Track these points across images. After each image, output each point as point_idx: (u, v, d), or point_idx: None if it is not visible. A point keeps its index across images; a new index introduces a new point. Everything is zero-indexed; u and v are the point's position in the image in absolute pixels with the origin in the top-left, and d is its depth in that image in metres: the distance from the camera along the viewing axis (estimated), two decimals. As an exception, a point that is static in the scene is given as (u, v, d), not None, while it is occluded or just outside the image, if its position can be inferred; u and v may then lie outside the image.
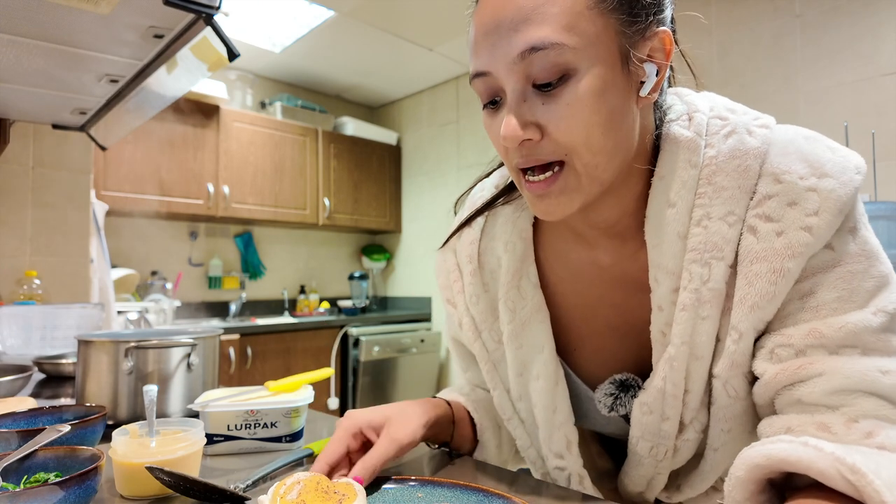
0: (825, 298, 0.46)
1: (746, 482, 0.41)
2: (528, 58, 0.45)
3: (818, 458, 0.37)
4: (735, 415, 0.52)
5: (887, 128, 1.92)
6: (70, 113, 1.49)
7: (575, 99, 0.45)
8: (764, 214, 0.47)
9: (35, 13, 0.87)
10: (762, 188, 0.48)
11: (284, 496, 0.45)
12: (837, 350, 0.44)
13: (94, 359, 0.81)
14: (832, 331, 0.44)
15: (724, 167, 0.49)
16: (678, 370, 0.51)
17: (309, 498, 0.45)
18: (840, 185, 0.45)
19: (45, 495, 0.43)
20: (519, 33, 0.45)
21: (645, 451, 0.58)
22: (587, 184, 0.48)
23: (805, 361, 0.45)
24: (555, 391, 0.60)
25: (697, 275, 0.49)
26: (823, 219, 0.45)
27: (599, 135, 0.46)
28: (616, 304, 0.59)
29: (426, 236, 3.77)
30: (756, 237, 0.47)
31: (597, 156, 0.47)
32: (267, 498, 0.46)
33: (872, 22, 1.96)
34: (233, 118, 3.05)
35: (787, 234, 0.46)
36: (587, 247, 0.59)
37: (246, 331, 2.76)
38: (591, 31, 0.45)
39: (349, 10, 2.68)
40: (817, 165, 0.47)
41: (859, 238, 0.47)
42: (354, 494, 0.47)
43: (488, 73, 0.48)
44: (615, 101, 0.46)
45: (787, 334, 0.47)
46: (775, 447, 0.40)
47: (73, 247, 1.89)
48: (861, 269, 0.46)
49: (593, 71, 0.45)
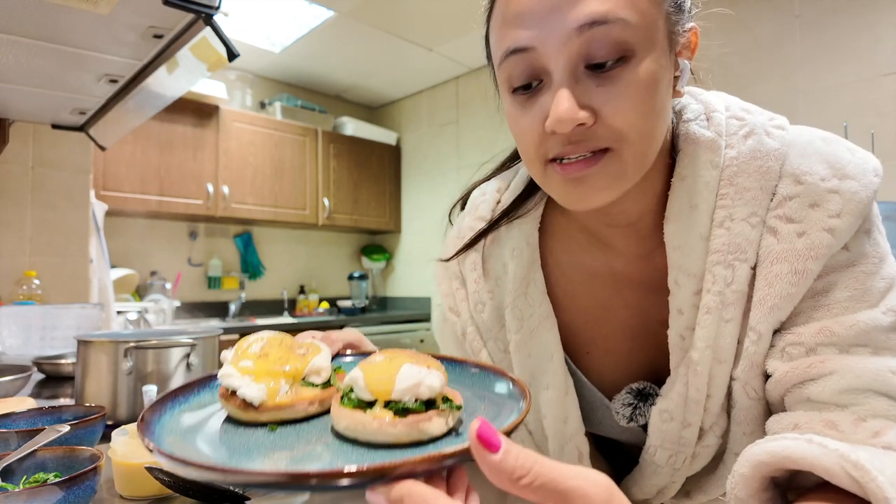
0: (838, 297, 0.46)
1: (750, 479, 0.41)
2: (588, 32, 0.41)
3: (822, 455, 0.36)
4: (755, 416, 0.51)
5: (887, 128, 1.92)
6: (69, 113, 1.49)
7: (634, 81, 0.42)
8: (785, 216, 0.47)
9: (35, 13, 0.87)
10: (782, 189, 0.48)
11: (247, 350, 0.44)
12: (848, 349, 0.44)
13: (93, 359, 0.81)
14: (843, 329, 0.44)
15: (746, 168, 0.49)
16: (701, 375, 0.50)
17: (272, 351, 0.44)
18: (862, 187, 0.46)
19: (44, 495, 0.43)
20: (579, 4, 0.41)
21: (663, 460, 0.56)
22: (633, 172, 0.45)
23: (816, 360, 0.45)
24: (565, 401, 0.58)
25: (721, 277, 0.48)
26: (846, 221, 0.45)
27: (653, 123, 0.44)
28: (630, 306, 0.58)
29: (426, 236, 3.77)
30: (776, 238, 0.47)
31: (649, 143, 0.45)
32: (230, 352, 0.45)
33: (872, 22, 1.96)
34: (232, 118, 3.05)
35: (810, 235, 0.46)
36: (600, 246, 0.58)
37: (245, 331, 2.76)
38: (651, 13, 0.42)
39: (349, 11, 2.68)
40: (838, 167, 0.47)
41: (873, 239, 0.47)
42: (318, 349, 0.46)
43: (532, 48, 0.43)
44: (664, 89, 0.45)
45: (799, 333, 0.46)
46: (779, 444, 0.39)
47: (73, 247, 1.89)
48: (874, 271, 0.46)
49: (652, 55, 0.42)
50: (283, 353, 0.44)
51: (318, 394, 0.42)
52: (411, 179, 3.89)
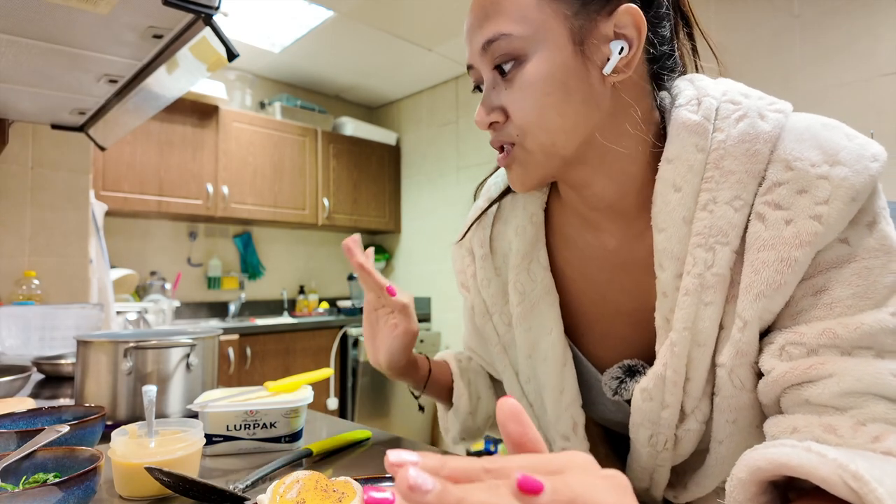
0: (840, 295, 0.45)
1: (748, 483, 0.41)
2: (489, 49, 0.50)
3: (820, 465, 0.36)
4: (741, 406, 0.51)
5: (886, 128, 1.92)
6: (69, 113, 1.49)
7: (525, 81, 0.49)
8: (773, 202, 0.47)
9: (34, 13, 0.87)
10: (772, 175, 0.47)
11: (284, 495, 0.45)
12: (851, 351, 0.43)
13: (93, 359, 0.81)
14: (847, 331, 0.43)
15: (733, 151, 0.49)
16: (679, 356, 0.51)
17: (308, 496, 0.45)
18: (853, 172, 0.44)
19: (44, 496, 0.43)
20: (481, 29, 0.51)
21: (644, 438, 0.57)
22: (544, 160, 0.52)
23: (816, 361, 0.44)
24: (563, 372, 0.61)
25: (701, 259, 0.49)
26: (834, 207, 0.44)
27: (555, 115, 0.50)
28: (626, 289, 0.59)
29: (425, 236, 3.77)
30: (764, 225, 0.47)
31: (553, 134, 0.50)
32: (266, 497, 0.46)
33: (871, 22, 1.96)
34: (232, 118, 3.05)
35: (796, 222, 0.45)
36: (593, 230, 0.59)
37: (245, 331, 2.76)
38: (539, 19, 0.49)
39: (349, 11, 2.68)
40: (832, 153, 0.45)
41: (878, 232, 0.45)
42: (353, 493, 0.47)
43: (472, 65, 0.54)
44: (570, 81, 0.49)
45: (800, 332, 0.45)
46: (778, 451, 0.39)
47: (72, 247, 1.89)
48: (879, 265, 0.44)
49: (540, 55, 0.49)
50: (319, 498, 0.46)
51: None
52: (411, 179, 3.89)
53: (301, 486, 0.47)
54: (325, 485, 0.48)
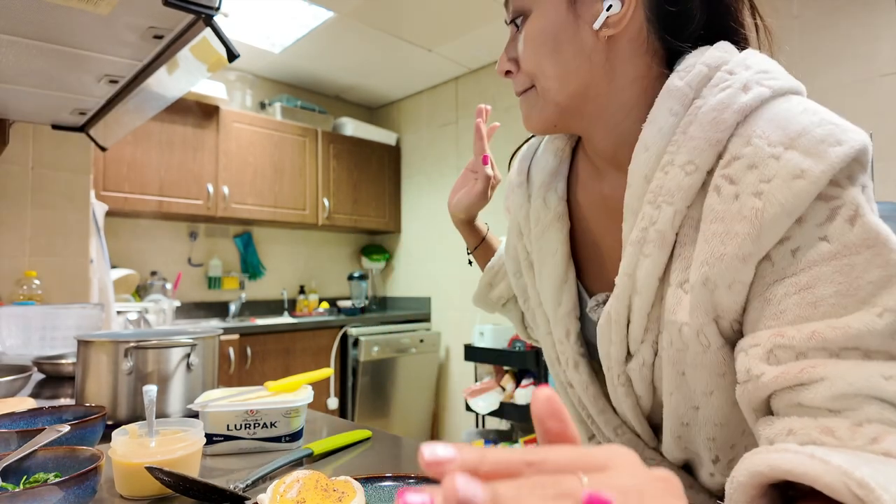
0: (823, 293, 0.44)
1: (748, 487, 0.41)
2: (509, 5, 0.59)
3: (825, 472, 0.35)
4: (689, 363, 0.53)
5: (885, 128, 1.93)
6: (70, 113, 1.49)
7: (527, 35, 0.57)
8: (728, 176, 0.48)
9: (35, 13, 0.87)
10: (733, 148, 0.48)
11: (284, 494, 0.45)
12: (839, 353, 0.43)
13: (93, 359, 0.81)
14: (835, 334, 0.43)
15: (702, 118, 0.50)
16: (620, 299, 0.56)
17: (309, 496, 0.45)
18: (805, 154, 0.44)
19: (44, 495, 0.43)
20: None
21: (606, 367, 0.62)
22: (543, 104, 0.59)
23: (807, 365, 0.44)
24: (562, 288, 0.66)
25: (648, 215, 0.52)
26: (774, 185, 0.44)
27: (550, 64, 0.56)
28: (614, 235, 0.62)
29: (425, 236, 3.77)
30: (719, 197, 0.48)
31: (549, 81, 0.57)
32: (266, 496, 0.46)
33: (870, 23, 1.97)
34: (232, 119, 3.05)
35: (741, 197, 0.46)
36: (599, 177, 0.65)
37: (245, 331, 2.76)
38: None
39: (349, 11, 2.68)
40: (793, 135, 0.45)
41: (860, 226, 0.43)
42: (353, 492, 0.47)
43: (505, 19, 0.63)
44: (562, 35, 0.55)
45: (788, 335, 0.45)
46: (780, 457, 0.39)
47: (73, 247, 1.89)
48: (861, 261, 0.43)
49: (538, 10, 0.56)
50: (319, 497, 0.46)
51: None
52: (411, 180, 3.89)
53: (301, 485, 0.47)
54: (326, 484, 0.48)
